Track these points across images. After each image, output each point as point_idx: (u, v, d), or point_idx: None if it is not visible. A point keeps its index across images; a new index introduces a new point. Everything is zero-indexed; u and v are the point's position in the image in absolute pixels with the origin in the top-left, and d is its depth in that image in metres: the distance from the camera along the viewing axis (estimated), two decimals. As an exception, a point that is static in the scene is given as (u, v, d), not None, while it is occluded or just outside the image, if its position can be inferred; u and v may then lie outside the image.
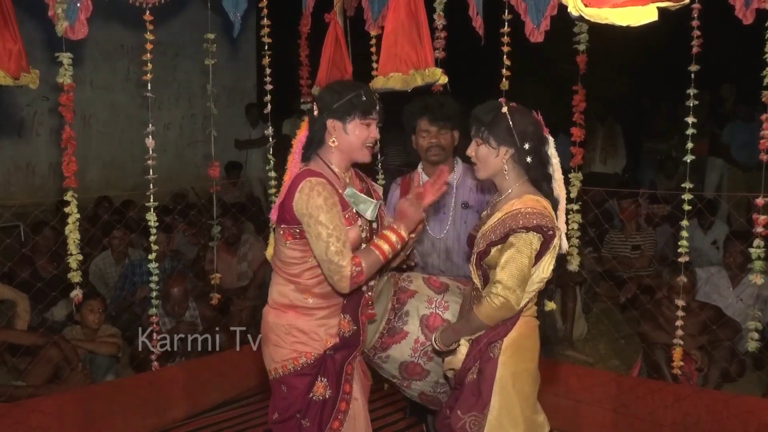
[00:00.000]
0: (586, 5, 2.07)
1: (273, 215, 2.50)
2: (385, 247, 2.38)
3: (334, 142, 2.42)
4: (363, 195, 2.46)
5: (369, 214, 2.45)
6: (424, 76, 3.36)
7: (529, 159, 2.36)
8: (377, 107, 2.43)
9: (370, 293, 2.56)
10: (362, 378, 2.64)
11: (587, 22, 2.12)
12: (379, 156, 4.39)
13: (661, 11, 2.04)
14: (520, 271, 2.28)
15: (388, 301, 2.72)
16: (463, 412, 2.39)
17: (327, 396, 2.45)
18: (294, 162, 2.51)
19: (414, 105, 3.26)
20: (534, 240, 2.28)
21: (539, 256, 2.32)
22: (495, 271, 2.33)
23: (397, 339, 2.68)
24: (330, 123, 2.41)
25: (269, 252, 2.71)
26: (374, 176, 4.45)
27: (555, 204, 2.40)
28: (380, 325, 2.68)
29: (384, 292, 2.78)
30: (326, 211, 2.30)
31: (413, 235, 2.54)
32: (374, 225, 2.52)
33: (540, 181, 2.40)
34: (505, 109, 2.36)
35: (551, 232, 2.30)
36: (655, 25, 2.09)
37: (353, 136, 2.41)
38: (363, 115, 2.39)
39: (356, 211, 2.43)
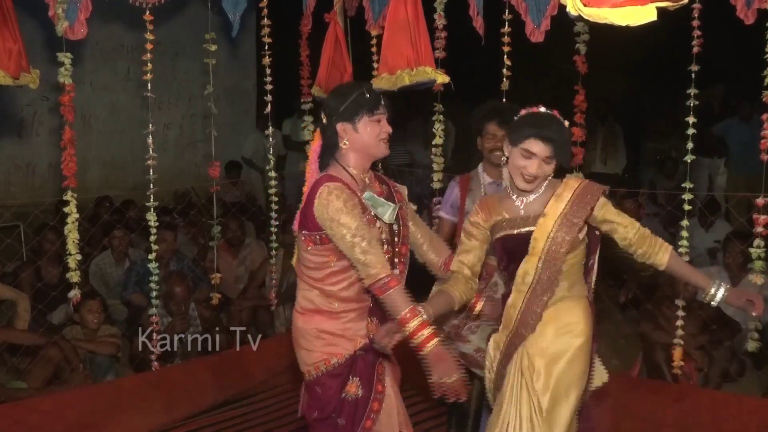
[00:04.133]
0: (585, 5, 2.07)
1: (295, 224, 2.54)
2: (414, 323, 2.27)
3: (345, 144, 2.45)
4: (380, 198, 2.48)
5: (387, 217, 2.47)
6: (411, 75, 3.37)
7: None
8: (382, 102, 2.46)
9: None
10: (393, 370, 2.62)
11: (586, 21, 2.12)
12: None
13: (661, 11, 2.04)
14: None
15: None
16: None
17: (360, 395, 2.48)
18: (311, 171, 2.55)
19: (484, 108, 3.32)
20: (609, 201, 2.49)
21: None
22: (620, 227, 2.52)
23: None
24: (340, 126, 2.44)
25: (294, 260, 2.73)
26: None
27: None
28: None
29: None
30: (346, 213, 2.33)
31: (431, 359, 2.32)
32: (395, 227, 2.52)
33: None
34: (566, 123, 2.46)
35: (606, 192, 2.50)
36: (655, 25, 2.09)
37: (365, 134, 2.43)
38: (370, 111, 2.42)
39: (374, 215, 2.45)
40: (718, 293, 2.43)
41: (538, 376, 2.43)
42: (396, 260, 2.53)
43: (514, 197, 2.52)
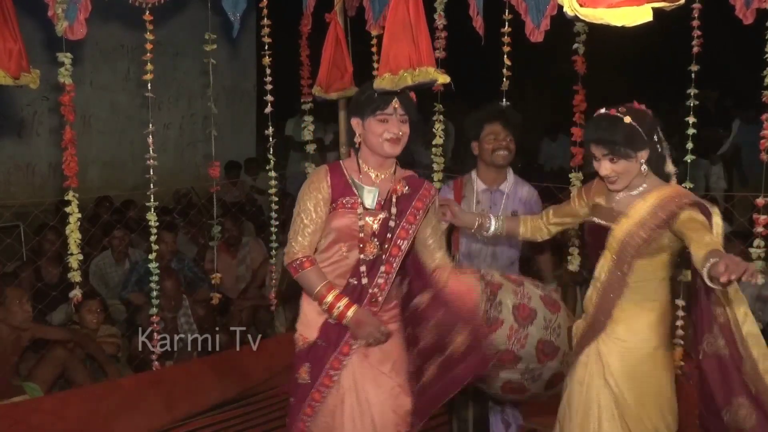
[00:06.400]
0: (581, 5, 2.07)
1: None
2: (329, 297, 2.46)
3: (358, 138, 2.57)
4: (360, 183, 2.56)
5: (365, 200, 2.54)
6: (414, 75, 3.37)
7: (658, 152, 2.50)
8: (393, 102, 2.52)
9: (373, 290, 2.51)
10: (375, 379, 2.55)
11: (583, 21, 2.12)
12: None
13: (658, 12, 2.04)
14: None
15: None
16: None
17: (306, 381, 2.55)
18: None
19: (481, 111, 3.42)
20: (699, 214, 2.34)
21: None
22: (693, 240, 2.26)
23: (494, 328, 2.77)
24: (353, 121, 2.58)
25: None
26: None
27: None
28: None
29: None
30: (305, 194, 2.53)
31: (352, 336, 2.50)
32: (391, 224, 2.53)
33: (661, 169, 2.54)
34: (628, 119, 2.44)
35: (707, 210, 2.38)
36: (655, 25, 2.09)
37: (370, 132, 2.53)
38: (374, 111, 2.51)
39: (361, 201, 2.53)
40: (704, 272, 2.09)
41: (612, 376, 2.50)
42: (384, 257, 2.52)
43: None
